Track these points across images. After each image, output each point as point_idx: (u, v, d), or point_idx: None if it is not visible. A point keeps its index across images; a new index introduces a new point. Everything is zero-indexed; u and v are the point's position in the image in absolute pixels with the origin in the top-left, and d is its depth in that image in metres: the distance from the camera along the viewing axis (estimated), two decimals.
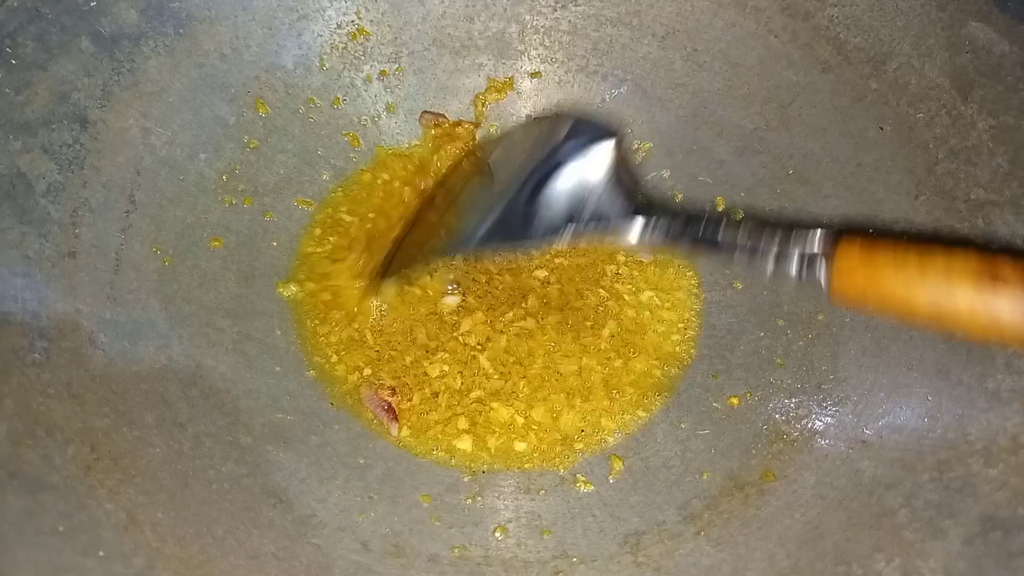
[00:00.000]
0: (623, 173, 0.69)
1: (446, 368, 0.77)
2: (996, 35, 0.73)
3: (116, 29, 0.74)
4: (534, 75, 0.89)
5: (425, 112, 0.89)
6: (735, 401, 0.76)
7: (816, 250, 0.60)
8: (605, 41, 0.87)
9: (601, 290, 0.82)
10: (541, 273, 0.82)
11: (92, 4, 0.73)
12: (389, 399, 0.74)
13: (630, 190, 0.69)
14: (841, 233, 0.59)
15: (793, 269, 0.61)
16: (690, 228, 0.66)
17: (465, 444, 0.74)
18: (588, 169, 0.68)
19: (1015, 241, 0.69)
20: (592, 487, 0.72)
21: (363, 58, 0.87)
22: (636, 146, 0.87)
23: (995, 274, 0.52)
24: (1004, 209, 0.70)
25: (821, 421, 0.72)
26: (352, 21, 0.86)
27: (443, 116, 0.89)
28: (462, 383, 0.77)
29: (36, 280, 0.67)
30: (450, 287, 0.81)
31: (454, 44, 0.88)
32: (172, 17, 0.77)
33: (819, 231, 0.60)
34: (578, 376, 0.78)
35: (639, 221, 0.67)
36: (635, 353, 0.79)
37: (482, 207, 0.73)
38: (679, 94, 0.86)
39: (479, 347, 0.78)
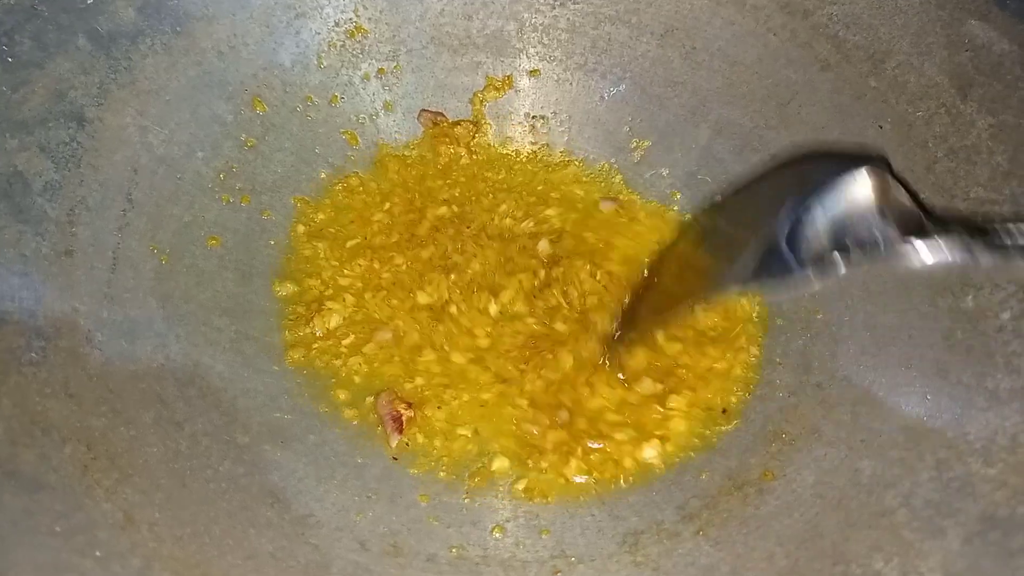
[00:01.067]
0: (888, 197, 0.62)
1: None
2: (996, 33, 0.72)
3: (113, 27, 0.74)
4: (532, 73, 0.89)
5: (424, 111, 0.89)
6: (734, 401, 0.75)
7: None
8: (604, 39, 0.87)
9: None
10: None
11: (89, 2, 0.73)
12: (403, 411, 0.73)
13: (901, 212, 0.62)
14: None
15: None
16: (984, 239, 0.58)
17: (466, 443, 0.74)
18: (847, 199, 0.62)
19: None
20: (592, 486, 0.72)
21: (361, 56, 0.87)
22: (635, 145, 0.87)
23: None
24: (1004, 208, 0.70)
25: (820, 420, 0.72)
26: (350, 19, 0.86)
27: (442, 115, 0.89)
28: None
29: (33, 279, 0.67)
30: None
31: (452, 42, 0.88)
32: (169, 15, 0.77)
33: None
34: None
35: (919, 244, 0.59)
36: None
37: (728, 252, 0.70)
38: (678, 92, 0.86)
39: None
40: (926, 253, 0.58)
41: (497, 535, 0.69)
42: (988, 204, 0.70)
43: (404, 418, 0.73)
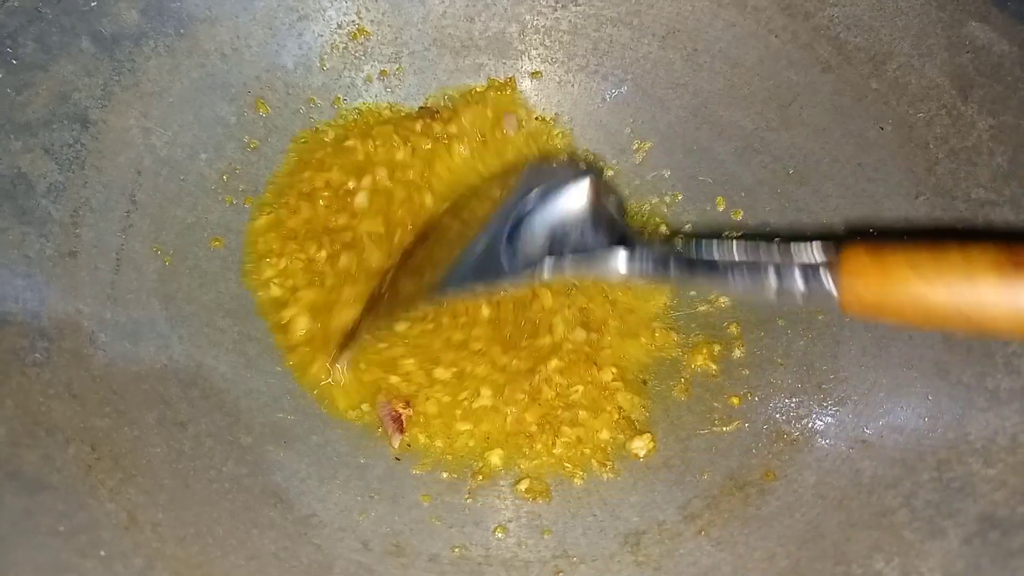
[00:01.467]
0: (601, 207, 0.67)
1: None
2: (996, 35, 0.73)
3: (117, 29, 0.74)
4: (535, 75, 0.89)
5: (423, 107, 0.89)
6: (735, 401, 0.76)
7: (821, 259, 0.56)
8: (605, 41, 0.87)
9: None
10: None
11: (92, 4, 0.73)
12: (402, 410, 0.74)
13: (611, 223, 0.66)
14: (843, 239, 0.56)
15: (799, 283, 0.56)
16: (680, 252, 0.62)
17: (467, 442, 0.75)
18: (564, 205, 0.67)
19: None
20: (593, 486, 0.73)
21: (363, 58, 0.87)
22: (636, 146, 0.87)
23: (1018, 262, 0.49)
24: (1004, 209, 0.70)
25: (821, 421, 0.72)
26: (352, 21, 0.86)
27: (439, 112, 0.89)
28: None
29: (37, 280, 0.67)
30: None
31: (454, 44, 0.88)
32: (172, 17, 0.77)
33: (817, 242, 0.57)
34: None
35: (622, 252, 0.64)
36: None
37: (457, 251, 0.72)
38: (679, 94, 0.86)
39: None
40: (624, 263, 0.63)
41: (499, 535, 0.69)
42: (989, 205, 0.70)
43: (404, 417, 0.73)
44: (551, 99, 0.90)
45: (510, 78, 0.90)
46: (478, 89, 0.89)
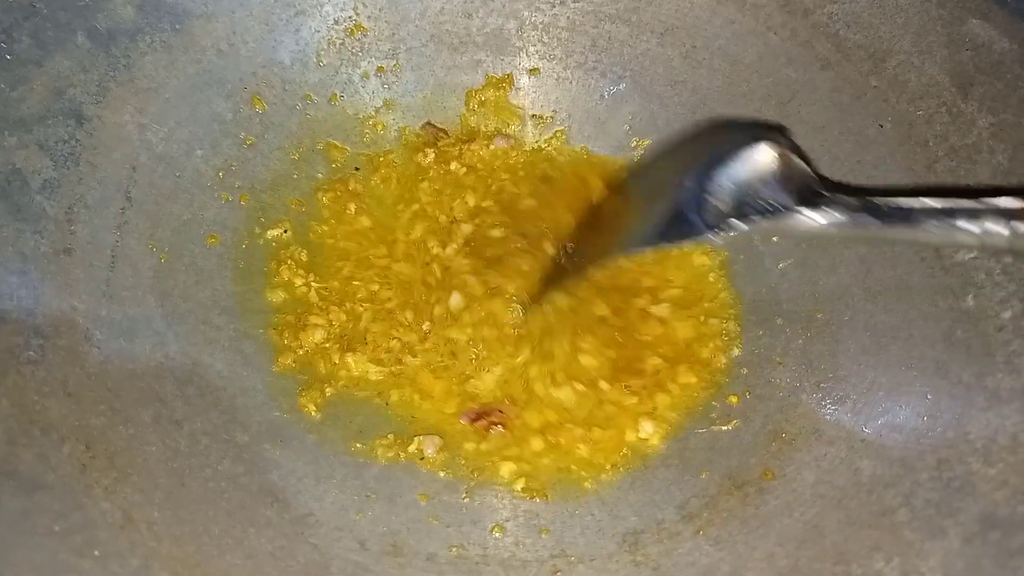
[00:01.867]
0: (787, 166, 0.68)
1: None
2: (996, 32, 0.72)
3: (112, 25, 0.74)
4: (532, 72, 0.89)
5: (429, 124, 0.89)
6: (734, 400, 0.75)
7: (1019, 205, 0.56)
8: (604, 38, 0.87)
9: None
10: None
11: (88, 0, 0.72)
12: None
13: (799, 179, 0.67)
14: None
15: (1002, 226, 0.56)
16: (873, 203, 0.62)
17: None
18: (746, 166, 0.68)
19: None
20: (591, 485, 0.72)
21: (360, 54, 0.87)
22: (635, 143, 0.87)
23: None
24: None
25: (820, 420, 0.71)
26: (349, 17, 0.85)
27: (444, 132, 0.88)
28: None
29: (31, 277, 0.67)
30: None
31: (452, 40, 0.88)
32: (169, 13, 0.77)
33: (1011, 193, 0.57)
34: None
35: (809, 212, 0.65)
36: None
37: (639, 213, 0.74)
38: (678, 91, 0.86)
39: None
40: (816, 218, 0.64)
41: (497, 534, 0.69)
42: None
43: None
44: (549, 96, 0.90)
45: (508, 74, 0.89)
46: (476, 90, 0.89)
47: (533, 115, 0.90)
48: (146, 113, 0.76)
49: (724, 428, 0.74)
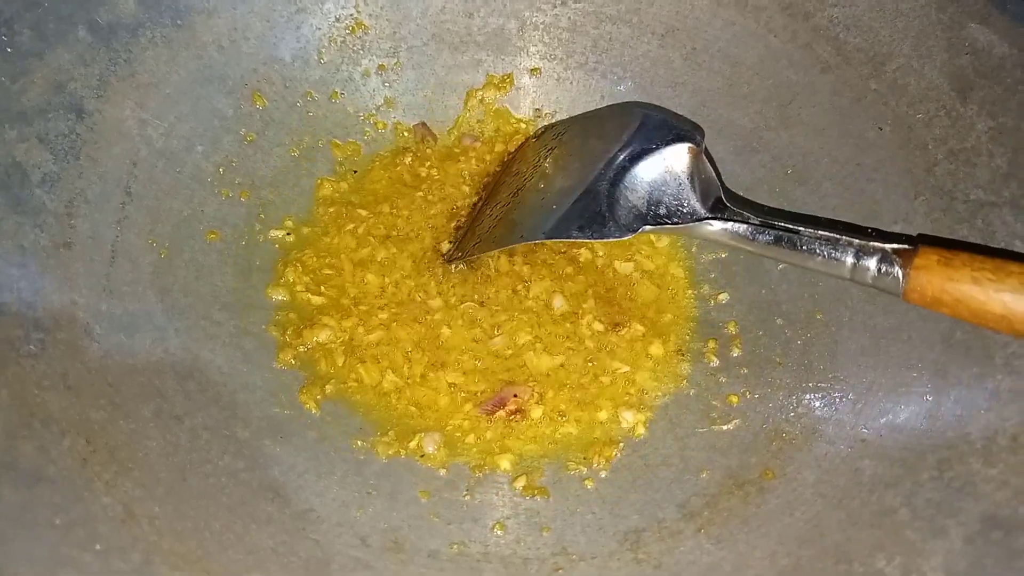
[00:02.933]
0: (699, 172, 0.71)
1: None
2: (996, 37, 0.73)
3: (114, 19, 0.74)
4: (533, 72, 0.89)
5: (423, 124, 0.89)
6: (734, 399, 0.76)
7: (896, 249, 0.62)
8: (605, 38, 0.87)
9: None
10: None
11: None
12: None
13: (706, 190, 0.71)
14: (918, 237, 0.65)
15: (873, 266, 0.63)
16: (767, 229, 0.68)
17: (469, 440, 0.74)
18: (663, 165, 0.71)
19: (1014, 243, 0.69)
20: (592, 483, 0.72)
21: (361, 52, 0.87)
22: None
23: None
24: (1003, 210, 0.70)
25: (820, 420, 0.72)
26: (351, 15, 0.85)
27: (432, 137, 0.88)
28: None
29: (31, 271, 0.66)
30: None
31: (453, 39, 0.88)
32: (170, 8, 0.77)
33: (893, 238, 0.64)
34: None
35: (714, 224, 0.70)
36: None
37: (555, 195, 0.75)
38: (678, 92, 0.86)
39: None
40: (718, 226, 0.70)
41: (498, 532, 0.69)
42: (988, 206, 0.71)
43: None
44: (549, 96, 0.90)
45: (508, 74, 0.89)
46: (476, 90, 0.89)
47: (535, 110, 0.90)
48: (147, 108, 0.76)
49: (724, 428, 0.74)
